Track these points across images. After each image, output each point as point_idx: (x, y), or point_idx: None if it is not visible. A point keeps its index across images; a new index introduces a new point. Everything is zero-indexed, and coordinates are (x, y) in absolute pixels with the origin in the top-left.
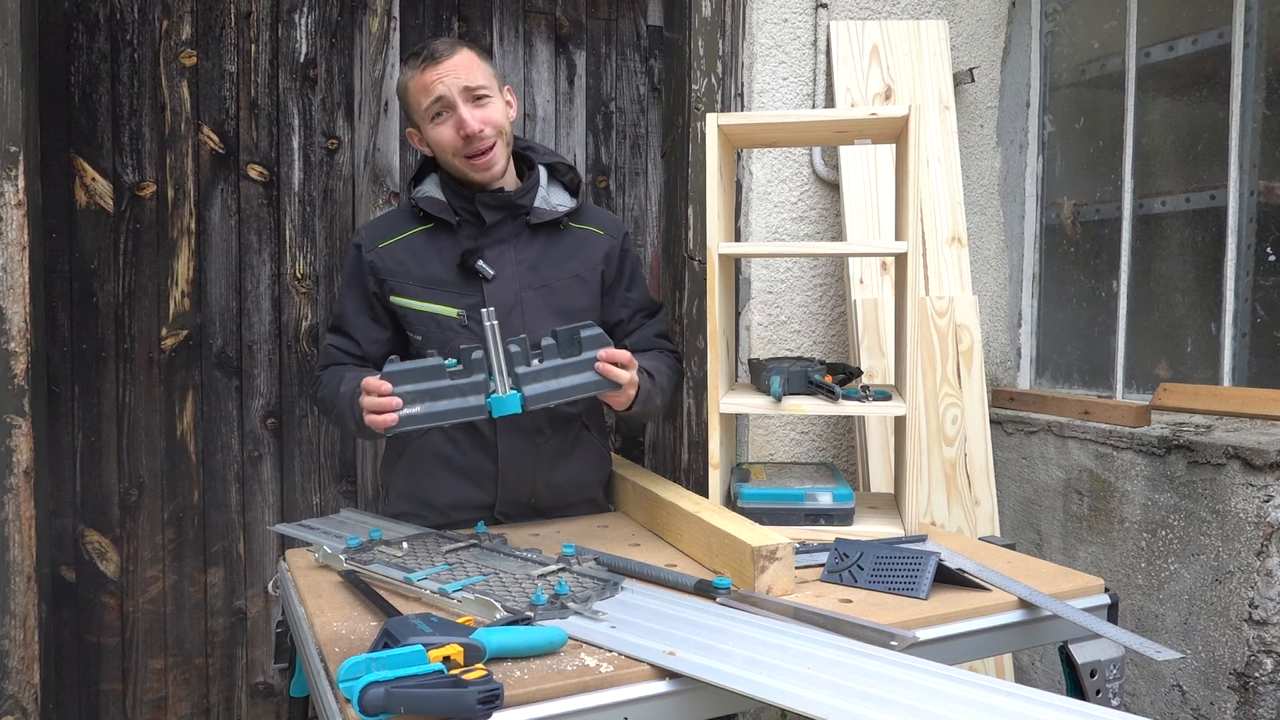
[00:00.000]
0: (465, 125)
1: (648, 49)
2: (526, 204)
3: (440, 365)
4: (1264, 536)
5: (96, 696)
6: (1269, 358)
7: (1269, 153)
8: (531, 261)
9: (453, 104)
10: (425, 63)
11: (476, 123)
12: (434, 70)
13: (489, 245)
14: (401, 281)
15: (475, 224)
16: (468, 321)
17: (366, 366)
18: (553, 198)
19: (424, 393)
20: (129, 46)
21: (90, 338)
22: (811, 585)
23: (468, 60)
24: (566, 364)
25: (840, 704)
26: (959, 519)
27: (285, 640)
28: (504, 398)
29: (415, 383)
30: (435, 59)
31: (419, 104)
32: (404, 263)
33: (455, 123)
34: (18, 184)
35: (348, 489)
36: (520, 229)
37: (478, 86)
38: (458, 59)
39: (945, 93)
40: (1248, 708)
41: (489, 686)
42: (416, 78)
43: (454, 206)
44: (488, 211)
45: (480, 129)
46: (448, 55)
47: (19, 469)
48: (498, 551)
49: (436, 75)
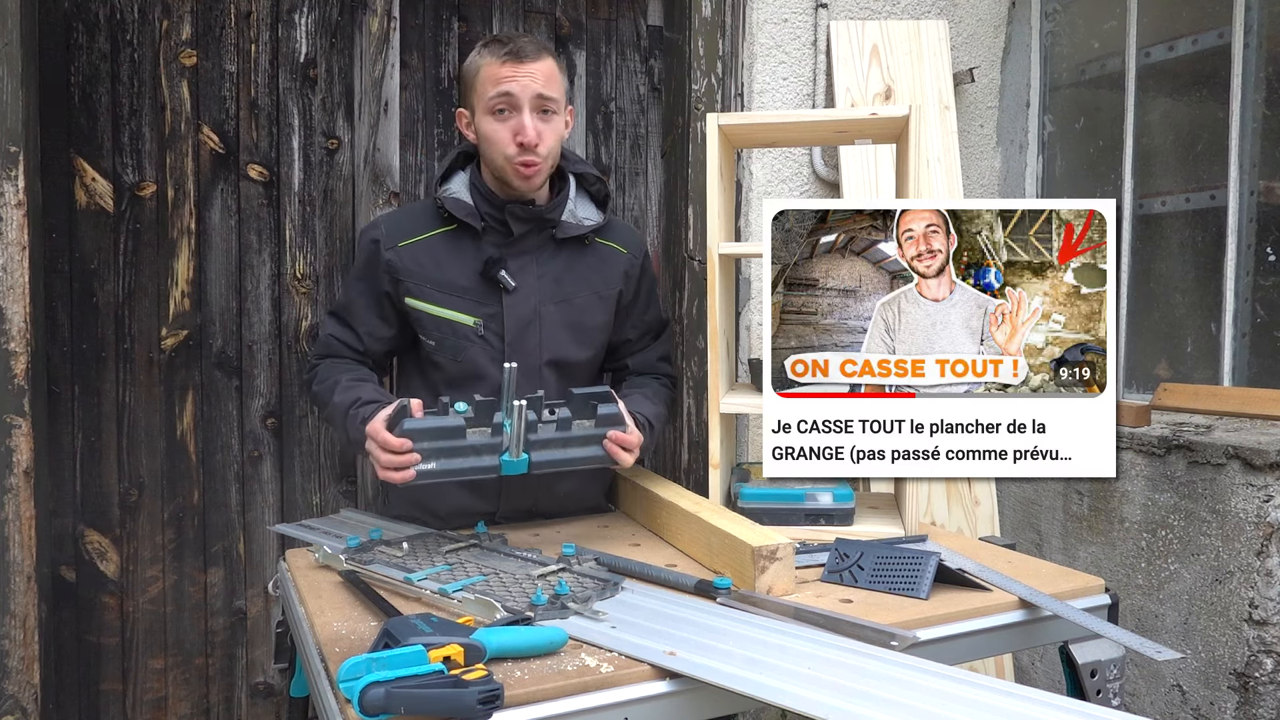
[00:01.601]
0: (525, 133)
1: (648, 49)
2: (555, 218)
3: (461, 426)
4: (1264, 536)
5: (96, 696)
6: (1269, 358)
7: (1269, 153)
8: (554, 275)
9: (520, 106)
10: (508, 57)
11: (535, 134)
12: (514, 67)
13: (513, 256)
14: (419, 284)
15: (501, 232)
16: (484, 331)
17: (365, 362)
18: (580, 210)
19: (441, 450)
20: (129, 46)
21: (90, 338)
22: (812, 585)
23: (549, 70)
24: (576, 436)
25: (840, 704)
26: (959, 519)
27: (285, 640)
28: (516, 461)
29: (434, 440)
30: (519, 57)
31: (485, 91)
32: (424, 265)
33: (516, 126)
34: (18, 184)
35: (348, 489)
36: (545, 241)
37: (550, 99)
38: (541, 65)
39: (945, 93)
40: (1248, 708)
41: (489, 687)
42: (493, 66)
43: (481, 212)
44: (516, 223)
45: (536, 142)
46: (533, 57)
47: (19, 469)
48: (498, 551)
49: (514, 73)
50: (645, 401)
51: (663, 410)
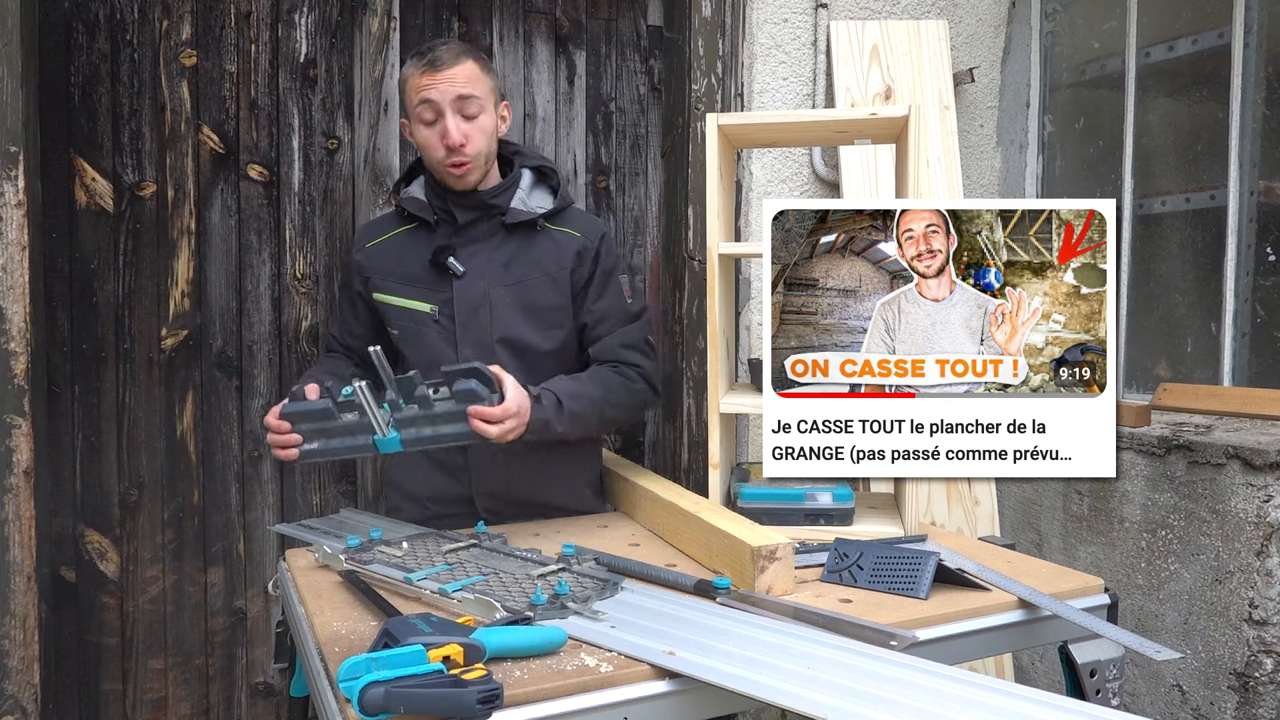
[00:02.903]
0: (448, 136)
1: (648, 49)
2: (501, 204)
3: (329, 409)
4: (1264, 536)
5: (96, 696)
6: (1269, 358)
7: (1269, 153)
8: (503, 260)
9: (441, 112)
10: (426, 67)
11: (459, 135)
12: (431, 76)
13: (463, 244)
14: (383, 279)
15: (451, 224)
16: (439, 316)
17: (351, 358)
18: (533, 200)
19: (319, 431)
20: (129, 46)
21: (90, 338)
22: (811, 585)
23: (469, 72)
24: (441, 414)
25: (840, 704)
26: (959, 519)
27: (285, 640)
28: (386, 439)
29: (310, 422)
30: (435, 66)
31: (412, 100)
32: (386, 261)
33: (441, 130)
34: (18, 184)
35: (348, 489)
36: (495, 228)
37: (471, 98)
38: (460, 69)
39: (945, 93)
40: (1248, 708)
41: (489, 686)
42: (415, 76)
43: (433, 206)
44: (460, 211)
45: (462, 143)
46: (448, 65)
47: (19, 469)
48: (498, 551)
49: (432, 81)
50: (567, 380)
51: (589, 390)
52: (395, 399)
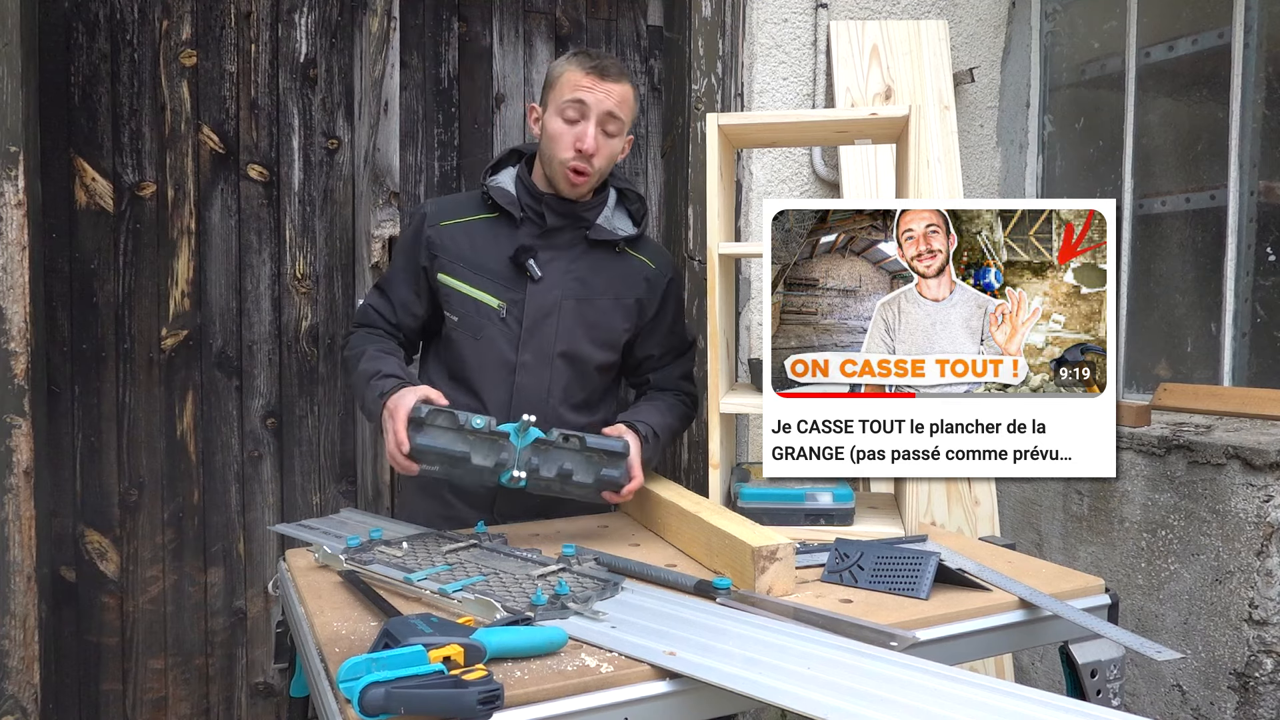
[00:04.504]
0: (584, 141)
1: (648, 49)
2: (589, 218)
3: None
4: (1264, 536)
5: (96, 696)
6: (1269, 358)
7: (1269, 153)
8: (579, 274)
9: (589, 116)
10: (592, 71)
11: (594, 144)
12: (594, 80)
13: (544, 248)
14: (453, 261)
15: (538, 225)
16: (506, 315)
17: (396, 335)
18: (616, 221)
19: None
20: (129, 46)
21: (90, 338)
22: (811, 585)
23: (625, 94)
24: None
25: (840, 704)
26: (959, 519)
27: (285, 640)
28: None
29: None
30: (601, 74)
31: (561, 94)
32: (460, 244)
33: (579, 133)
34: (18, 184)
35: (348, 489)
36: (578, 240)
37: (617, 119)
38: (619, 87)
39: (945, 93)
40: (1248, 708)
41: (489, 687)
42: (577, 74)
43: (522, 203)
44: (551, 215)
45: (594, 152)
46: (612, 78)
47: (19, 469)
48: (498, 551)
49: (593, 85)
50: (655, 412)
51: (672, 422)
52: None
